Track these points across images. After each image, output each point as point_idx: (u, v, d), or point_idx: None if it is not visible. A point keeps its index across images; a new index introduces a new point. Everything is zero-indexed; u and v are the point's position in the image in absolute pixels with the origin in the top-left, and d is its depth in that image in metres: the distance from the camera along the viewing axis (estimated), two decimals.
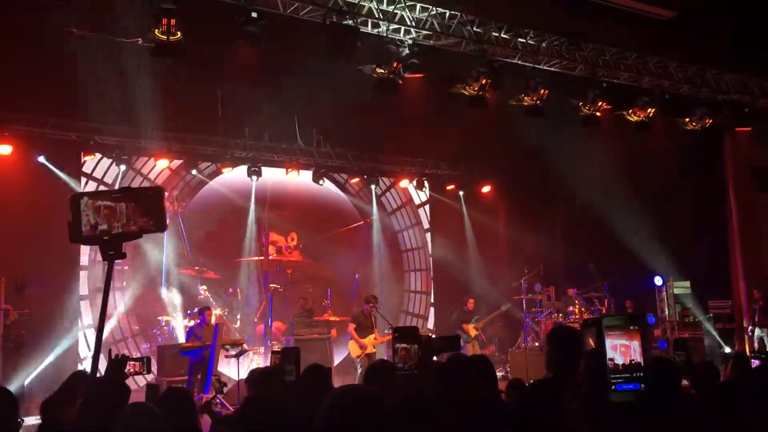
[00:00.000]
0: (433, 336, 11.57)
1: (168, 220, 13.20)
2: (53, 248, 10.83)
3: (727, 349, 12.86)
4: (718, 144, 13.96)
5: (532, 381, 4.90)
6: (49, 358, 11.10)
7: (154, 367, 11.02)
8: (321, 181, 14.28)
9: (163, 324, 12.46)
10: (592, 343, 1.98)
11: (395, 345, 3.91)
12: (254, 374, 5.28)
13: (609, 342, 1.99)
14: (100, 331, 2.38)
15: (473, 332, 13.05)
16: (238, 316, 14.03)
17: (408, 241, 16.52)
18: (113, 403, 3.04)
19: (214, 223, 14.12)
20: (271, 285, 14.44)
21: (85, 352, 12.07)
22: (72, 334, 11.63)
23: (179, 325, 12.45)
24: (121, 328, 12.88)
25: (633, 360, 1.98)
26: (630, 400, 1.96)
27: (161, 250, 13.08)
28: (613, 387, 1.98)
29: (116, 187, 11.96)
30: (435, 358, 4.86)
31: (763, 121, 13.11)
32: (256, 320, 14.23)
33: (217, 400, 8.88)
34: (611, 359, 1.98)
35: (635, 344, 2.00)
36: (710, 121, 12.47)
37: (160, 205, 2.42)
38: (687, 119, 12.52)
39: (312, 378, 4.20)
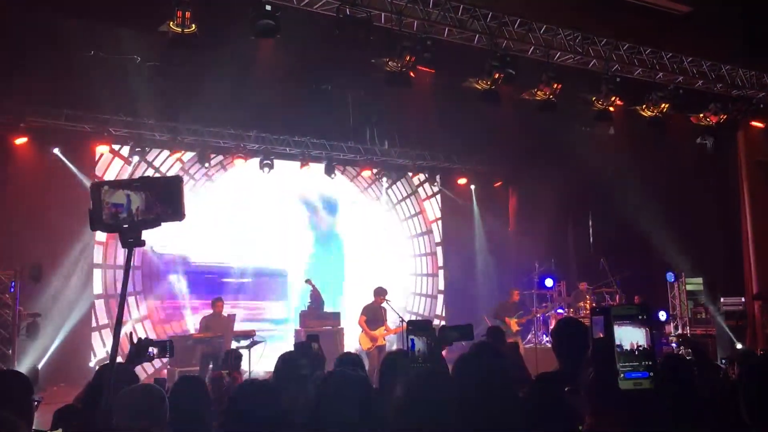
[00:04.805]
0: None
1: None
2: (68, 237, 11.00)
3: (739, 345, 12.77)
4: (732, 140, 13.85)
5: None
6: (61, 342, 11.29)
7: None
8: (332, 175, 14.30)
9: None
10: (600, 333, 1.99)
11: (408, 338, 3.93)
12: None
13: (617, 330, 2.01)
14: (119, 315, 2.42)
15: (515, 327, 12.31)
16: None
17: (413, 228, 16.60)
18: (119, 388, 3.06)
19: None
20: None
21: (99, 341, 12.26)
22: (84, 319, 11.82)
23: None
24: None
25: (642, 347, 2.01)
26: (639, 388, 1.98)
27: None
28: (622, 375, 2.00)
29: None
30: (446, 348, 4.85)
31: None
32: None
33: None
34: (619, 346, 2.00)
35: (644, 333, 2.02)
36: (724, 116, 12.37)
37: (178, 194, 2.45)
38: (701, 115, 12.43)
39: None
